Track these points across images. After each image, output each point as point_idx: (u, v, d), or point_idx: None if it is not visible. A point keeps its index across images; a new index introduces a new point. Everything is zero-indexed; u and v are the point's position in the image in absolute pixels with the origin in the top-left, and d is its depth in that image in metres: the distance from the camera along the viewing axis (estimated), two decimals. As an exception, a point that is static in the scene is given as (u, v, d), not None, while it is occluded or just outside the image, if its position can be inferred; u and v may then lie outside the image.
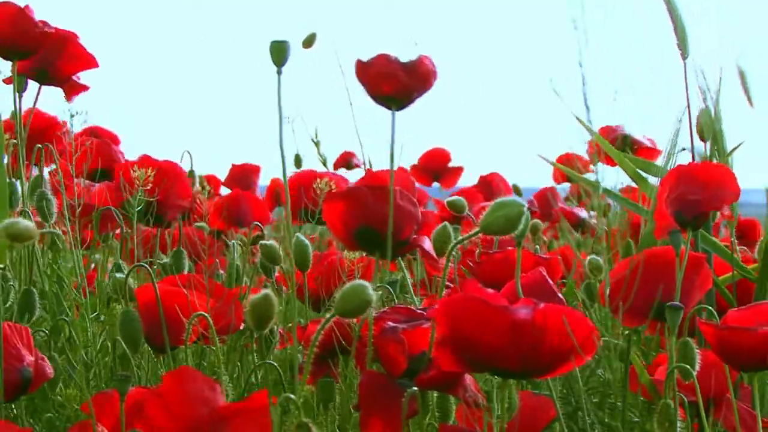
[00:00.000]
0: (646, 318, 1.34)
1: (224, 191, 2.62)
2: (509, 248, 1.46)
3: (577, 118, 1.53)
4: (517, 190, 2.73)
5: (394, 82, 1.30)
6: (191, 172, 1.78)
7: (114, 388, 1.03)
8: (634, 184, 1.60)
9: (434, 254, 1.33)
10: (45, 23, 1.54)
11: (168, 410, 0.91)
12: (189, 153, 1.80)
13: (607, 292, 1.26)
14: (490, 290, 1.02)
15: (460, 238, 1.16)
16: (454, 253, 1.32)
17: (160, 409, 0.91)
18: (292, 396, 0.95)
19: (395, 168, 1.30)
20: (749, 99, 1.52)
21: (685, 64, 1.50)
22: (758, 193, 1.50)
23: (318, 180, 1.45)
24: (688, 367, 1.17)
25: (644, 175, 1.51)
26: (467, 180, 2.89)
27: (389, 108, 1.33)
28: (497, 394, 1.05)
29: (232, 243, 1.69)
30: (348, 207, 1.30)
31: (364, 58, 1.31)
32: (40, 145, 1.56)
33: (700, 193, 1.34)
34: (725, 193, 1.35)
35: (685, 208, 1.33)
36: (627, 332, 1.37)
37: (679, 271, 1.29)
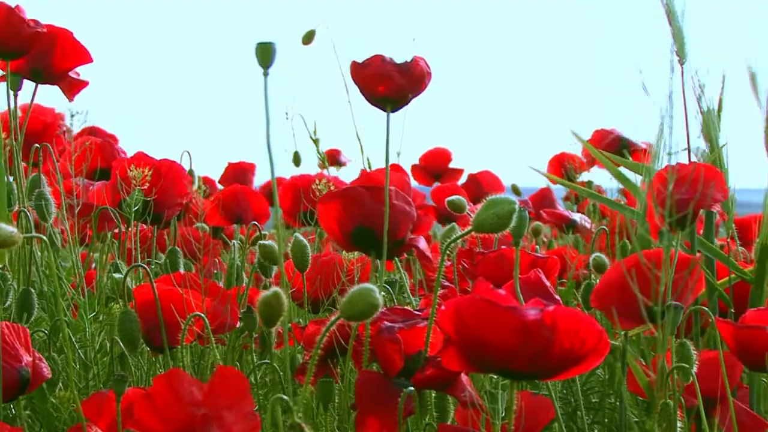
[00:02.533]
0: (640, 320, 1.34)
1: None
2: (504, 247, 1.46)
3: (573, 133, 1.54)
4: (516, 190, 2.72)
5: (389, 83, 1.29)
6: (191, 172, 1.77)
7: (111, 389, 1.03)
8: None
9: (429, 254, 1.33)
10: (36, 22, 1.54)
11: (158, 412, 0.91)
12: (188, 153, 1.80)
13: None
14: (501, 291, 1.02)
15: (453, 237, 1.15)
16: (449, 252, 1.32)
17: (149, 412, 0.91)
18: (285, 397, 0.94)
19: (392, 167, 1.29)
20: (759, 100, 1.52)
21: (682, 68, 1.50)
22: (759, 193, 1.49)
23: (317, 181, 1.44)
24: (688, 367, 1.17)
25: (631, 178, 1.51)
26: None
27: (384, 109, 1.33)
28: (499, 395, 1.05)
29: (232, 243, 1.69)
30: (344, 207, 1.30)
31: (360, 59, 1.31)
32: (38, 145, 1.56)
33: (689, 192, 1.33)
34: (714, 192, 1.35)
35: (675, 208, 1.32)
36: (624, 333, 1.37)
37: (670, 271, 1.28)
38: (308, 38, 1.41)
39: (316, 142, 1.74)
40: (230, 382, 0.91)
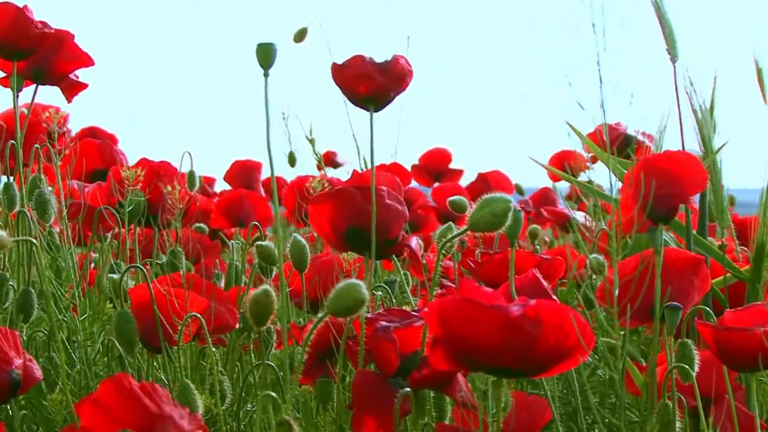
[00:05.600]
0: (644, 319, 1.33)
1: (225, 187, 2.60)
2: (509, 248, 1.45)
3: (568, 125, 1.53)
4: (519, 190, 2.71)
5: (370, 83, 1.29)
6: (191, 172, 1.77)
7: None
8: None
9: (419, 255, 1.33)
10: (45, 24, 1.54)
11: (110, 417, 0.91)
12: (189, 153, 1.79)
13: (616, 293, 1.25)
14: (488, 289, 1.01)
15: (450, 236, 1.15)
16: (448, 251, 1.31)
17: (100, 417, 0.91)
18: (273, 394, 0.94)
19: (389, 167, 1.29)
20: (764, 95, 1.51)
21: (674, 67, 1.49)
22: (759, 193, 1.49)
23: (311, 179, 1.44)
24: (687, 368, 1.16)
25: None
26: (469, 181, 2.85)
27: (367, 109, 1.33)
28: (493, 393, 1.04)
29: (231, 243, 1.69)
30: (336, 208, 1.30)
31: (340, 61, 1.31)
32: (38, 146, 1.56)
33: (667, 187, 1.31)
34: (692, 181, 1.32)
35: (655, 204, 1.31)
36: (623, 332, 1.37)
37: (659, 267, 1.28)
38: (300, 36, 1.41)
39: (312, 142, 1.74)
40: (156, 389, 0.92)
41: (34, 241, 1.23)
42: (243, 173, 2.57)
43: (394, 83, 1.30)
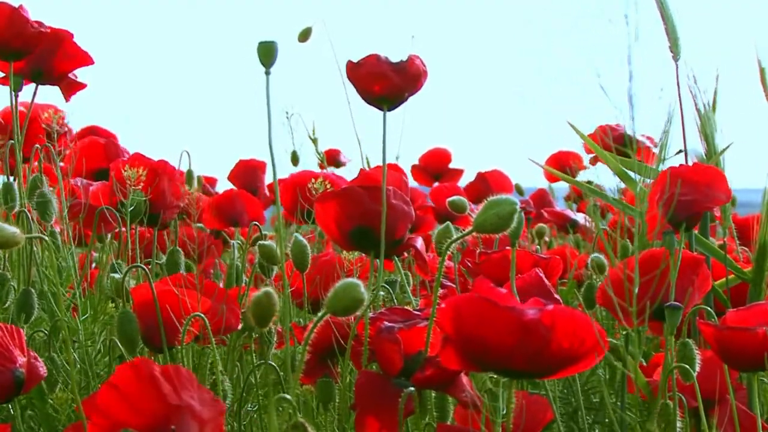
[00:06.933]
0: (645, 318, 1.33)
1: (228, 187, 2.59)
2: (508, 248, 1.46)
3: (570, 125, 1.53)
4: (519, 190, 2.71)
5: (385, 83, 1.30)
6: (190, 171, 1.77)
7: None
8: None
9: (425, 255, 1.33)
10: (40, 23, 1.54)
11: (127, 403, 0.91)
12: (187, 153, 1.79)
13: (635, 291, 1.25)
14: (502, 290, 1.02)
15: (454, 237, 1.15)
16: (451, 252, 1.31)
17: (117, 402, 0.91)
18: (288, 396, 0.94)
19: (390, 166, 1.29)
20: (767, 95, 1.51)
21: (676, 65, 1.49)
22: (759, 193, 1.49)
23: (312, 180, 1.44)
24: (688, 367, 1.17)
25: (633, 176, 1.51)
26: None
27: (380, 108, 1.33)
28: (501, 394, 1.05)
29: (232, 243, 1.69)
30: (342, 207, 1.30)
31: (357, 58, 1.31)
32: (39, 146, 1.56)
33: (691, 193, 1.33)
34: (717, 193, 1.35)
35: (678, 209, 1.32)
36: (625, 332, 1.37)
37: (674, 271, 1.28)
38: (304, 36, 1.41)
39: (314, 141, 1.74)
40: (180, 372, 0.91)
41: (45, 237, 1.23)
42: (246, 173, 2.57)
43: (409, 83, 1.30)
